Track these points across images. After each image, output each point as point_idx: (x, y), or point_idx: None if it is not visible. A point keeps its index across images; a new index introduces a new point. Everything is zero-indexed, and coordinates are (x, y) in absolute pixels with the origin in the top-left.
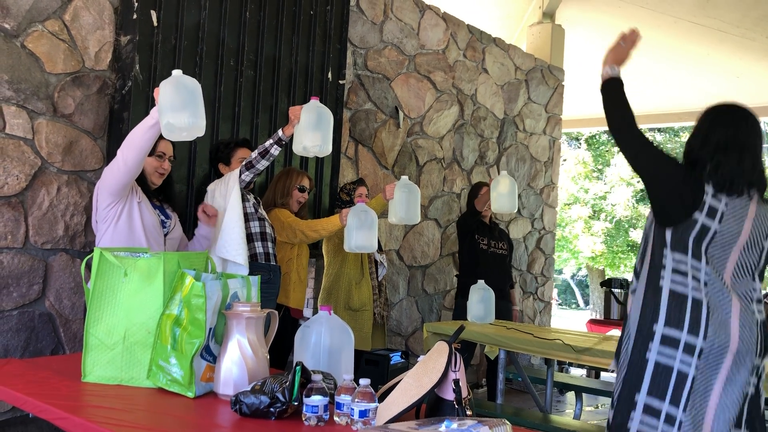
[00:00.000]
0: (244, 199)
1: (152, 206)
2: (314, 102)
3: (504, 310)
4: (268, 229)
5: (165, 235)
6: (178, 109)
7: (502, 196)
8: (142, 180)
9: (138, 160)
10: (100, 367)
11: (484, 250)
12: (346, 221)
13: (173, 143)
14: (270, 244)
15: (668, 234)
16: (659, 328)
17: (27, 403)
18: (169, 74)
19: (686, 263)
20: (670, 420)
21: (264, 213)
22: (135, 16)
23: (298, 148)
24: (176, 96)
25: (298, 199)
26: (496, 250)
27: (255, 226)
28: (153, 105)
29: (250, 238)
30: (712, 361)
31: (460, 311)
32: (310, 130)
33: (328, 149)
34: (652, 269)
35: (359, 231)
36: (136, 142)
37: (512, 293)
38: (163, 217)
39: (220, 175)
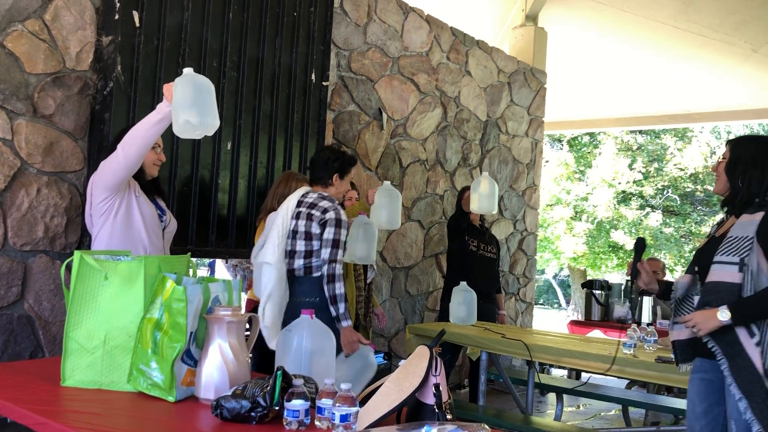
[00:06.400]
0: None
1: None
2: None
3: (489, 313)
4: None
5: (163, 230)
6: (196, 107)
7: (483, 197)
8: (138, 173)
9: (140, 155)
10: (79, 371)
11: (473, 251)
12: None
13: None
14: None
15: None
16: None
17: (4, 408)
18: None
19: None
20: None
21: None
22: (117, 17)
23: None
24: (193, 94)
25: None
26: (485, 253)
27: None
28: (135, 106)
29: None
30: None
31: (445, 314)
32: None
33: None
34: None
35: (362, 243)
36: (140, 137)
37: (499, 297)
38: (159, 211)
39: (324, 186)
